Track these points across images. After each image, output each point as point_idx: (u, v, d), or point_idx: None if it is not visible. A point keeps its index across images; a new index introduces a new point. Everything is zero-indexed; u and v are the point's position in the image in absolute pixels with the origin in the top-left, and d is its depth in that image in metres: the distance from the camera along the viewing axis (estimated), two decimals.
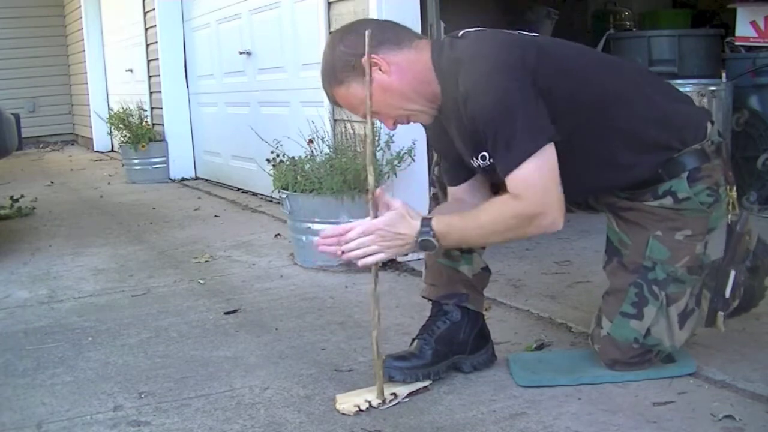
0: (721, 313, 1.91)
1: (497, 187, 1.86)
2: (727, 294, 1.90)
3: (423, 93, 1.82)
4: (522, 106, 1.68)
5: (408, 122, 1.90)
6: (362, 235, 1.78)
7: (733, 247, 1.90)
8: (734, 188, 1.91)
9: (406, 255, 1.89)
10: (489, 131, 1.69)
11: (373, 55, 1.76)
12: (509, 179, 1.69)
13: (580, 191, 1.90)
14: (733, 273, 1.90)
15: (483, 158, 1.78)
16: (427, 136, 2.14)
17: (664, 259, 1.85)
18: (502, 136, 1.68)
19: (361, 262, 1.80)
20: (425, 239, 1.75)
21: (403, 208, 1.78)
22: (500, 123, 1.68)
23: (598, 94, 1.81)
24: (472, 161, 1.83)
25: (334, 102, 1.89)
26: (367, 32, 1.75)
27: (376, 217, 1.79)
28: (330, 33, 1.88)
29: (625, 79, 1.89)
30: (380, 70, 1.78)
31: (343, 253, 1.80)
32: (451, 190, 2.01)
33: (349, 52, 1.79)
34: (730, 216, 1.91)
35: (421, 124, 1.96)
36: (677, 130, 1.85)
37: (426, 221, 1.76)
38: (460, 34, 1.84)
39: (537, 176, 1.67)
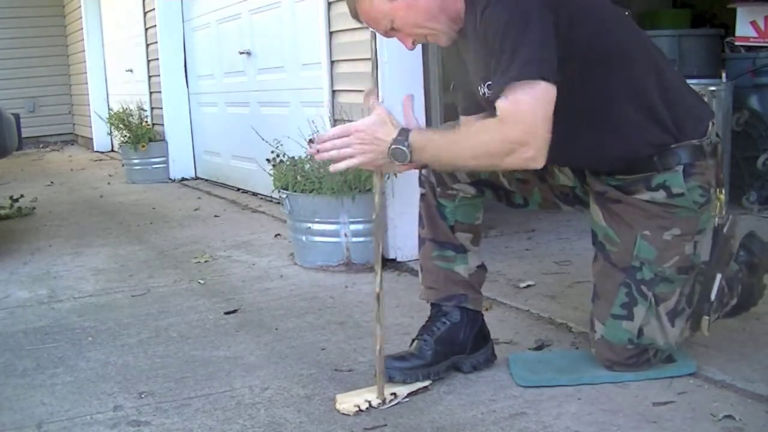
0: (706, 318, 1.90)
1: None
2: (713, 297, 1.90)
3: (448, 12, 1.78)
4: (538, 34, 1.63)
5: (427, 42, 1.86)
6: (339, 135, 1.72)
7: (719, 251, 1.90)
8: (723, 191, 1.90)
9: (381, 166, 1.76)
10: (496, 46, 1.64)
11: None
12: (501, 101, 1.63)
13: (577, 154, 1.86)
14: (718, 276, 1.90)
15: (489, 87, 1.73)
16: (443, 62, 2.10)
17: (651, 259, 1.84)
18: (509, 56, 1.62)
19: (333, 167, 1.75)
20: (397, 147, 1.69)
21: (386, 114, 1.73)
22: (509, 42, 1.62)
23: (617, 52, 1.78)
24: (479, 89, 1.78)
25: (355, 16, 1.85)
26: None
27: None
28: None
29: (646, 51, 1.86)
30: None
31: (318, 152, 1.73)
32: (462, 118, 1.99)
33: None
34: (716, 219, 1.90)
35: (439, 45, 1.90)
36: (679, 116, 1.83)
37: (405, 131, 1.70)
38: None
39: (530, 105, 1.61)
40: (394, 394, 1.86)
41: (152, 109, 6.67)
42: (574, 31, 1.69)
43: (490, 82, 1.72)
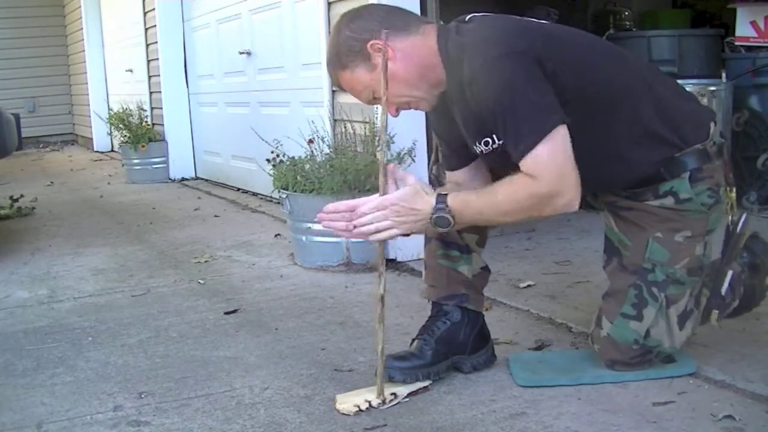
0: (715, 311, 1.91)
1: (496, 172, 1.85)
2: (723, 292, 1.91)
3: (428, 79, 1.81)
4: (530, 89, 1.66)
5: (410, 109, 1.89)
6: (375, 209, 1.77)
7: (731, 248, 1.91)
8: (734, 189, 1.91)
9: (419, 232, 1.86)
10: (497, 115, 1.68)
11: (378, 41, 1.76)
12: (524, 162, 1.67)
13: (585, 186, 1.88)
14: (730, 273, 1.91)
15: (486, 143, 1.76)
16: (430, 120, 2.13)
17: (663, 261, 1.85)
18: (512, 120, 1.66)
19: (372, 238, 1.80)
20: (440, 215, 1.74)
21: (419, 183, 1.78)
22: (508, 106, 1.66)
23: (606, 86, 1.80)
24: (475, 146, 1.81)
25: (338, 86, 1.89)
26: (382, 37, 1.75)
27: (386, 193, 1.79)
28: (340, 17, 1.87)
29: (634, 73, 1.88)
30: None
31: (354, 228, 1.79)
32: (449, 174, 2.01)
33: (354, 36, 1.79)
34: (730, 217, 1.91)
35: (422, 110, 1.94)
36: (680, 126, 1.84)
37: (441, 197, 1.75)
38: (467, 18, 1.83)
39: (551, 157, 1.66)
40: (394, 394, 1.86)
41: (152, 109, 6.68)
42: (561, 80, 1.71)
43: (487, 139, 1.75)
